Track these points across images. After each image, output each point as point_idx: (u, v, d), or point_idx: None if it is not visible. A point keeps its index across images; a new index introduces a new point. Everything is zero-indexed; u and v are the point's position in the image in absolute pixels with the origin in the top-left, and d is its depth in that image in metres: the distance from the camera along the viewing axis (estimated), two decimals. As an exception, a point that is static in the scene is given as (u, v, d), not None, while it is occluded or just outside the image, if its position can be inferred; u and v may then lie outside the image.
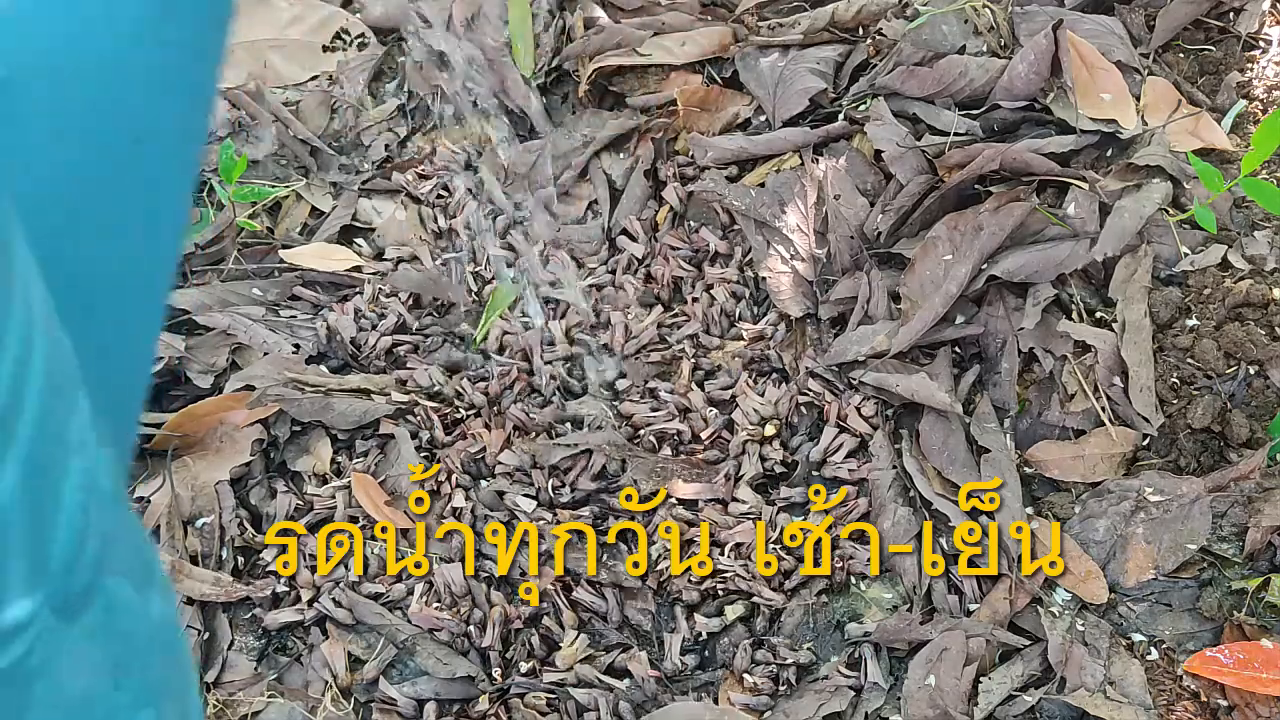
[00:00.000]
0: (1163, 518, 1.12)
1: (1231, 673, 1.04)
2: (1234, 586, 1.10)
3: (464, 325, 1.41)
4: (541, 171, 1.49)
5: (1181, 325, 1.23)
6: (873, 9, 1.47)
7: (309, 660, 1.19)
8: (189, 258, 1.48)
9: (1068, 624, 1.10)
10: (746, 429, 1.25)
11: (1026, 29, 1.39)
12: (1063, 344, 1.22)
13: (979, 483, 1.17)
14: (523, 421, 1.28)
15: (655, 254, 1.41)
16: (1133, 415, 1.18)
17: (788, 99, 1.43)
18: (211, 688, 1.18)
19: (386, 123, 1.60)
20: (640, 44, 1.50)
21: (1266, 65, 1.38)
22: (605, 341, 1.35)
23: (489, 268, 1.43)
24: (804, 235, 1.34)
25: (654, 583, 1.19)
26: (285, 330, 1.39)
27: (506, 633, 1.17)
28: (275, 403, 1.31)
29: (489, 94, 1.54)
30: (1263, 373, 1.17)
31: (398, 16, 1.63)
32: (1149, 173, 1.28)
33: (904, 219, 1.31)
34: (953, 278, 1.23)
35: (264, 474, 1.30)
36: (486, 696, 1.14)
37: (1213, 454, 1.16)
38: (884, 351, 1.24)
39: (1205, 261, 1.25)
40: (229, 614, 1.23)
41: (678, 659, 1.15)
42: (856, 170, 1.36)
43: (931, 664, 1.09)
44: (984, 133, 1.35)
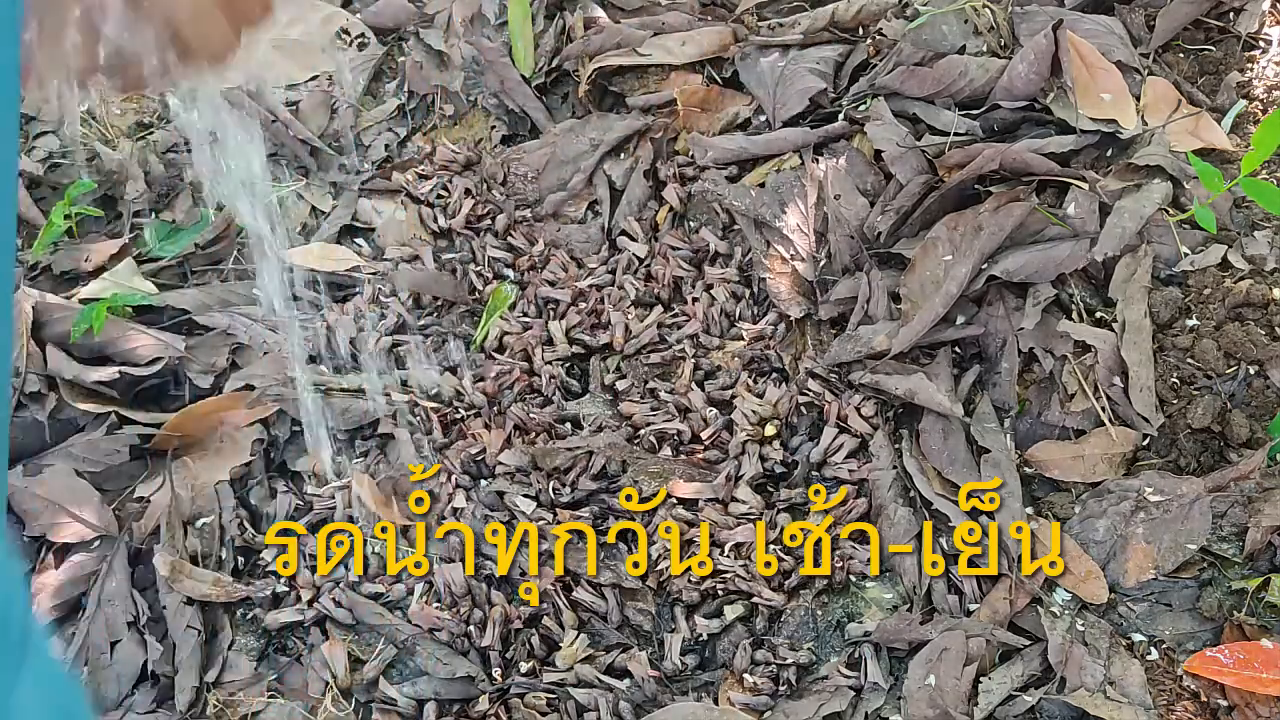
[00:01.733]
0: (1163, 518, 1.12)
1: (1231, 673, 1.04)
2: (1234, 586, 1.10)
3: (464, 325, 1.41)
4: (547, 175, 1.49)
5: (1181, 325, 1.23)
6: (873, 9, 1.47)
7: (309, 660, 1.19)
8: (189, 258, 1.48)
9: (1068, 624, 1.10)
10: (746, 429, 1.25)
11: (1026, 29, 1.39)
12: (1063, 344, 1.22)
13: (979, 483, 1.17)
14: (523, 421, 1.28)
15: (655, 254, 1.41)
16: (1133, 415, 1.18)
17: (788, 99, 1.43)
18: (211, 688, 1.18)
19: (386, 123, 1.60)
20: (640, 44, 1.50)
21: (1266, 65, 1.38)
22: (606, 341, 1.35)
23: (489, 267, 1.43)
24: (804, 235, 1.34)
25: (654, 583, 1.19)
26: (285, 330, 1.39)
27: (506, 633, 1.17)
28: (275, 402, 1.31)
29: (489, 94, 1.54)
30: (1263, 373, 1.18)
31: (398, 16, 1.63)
32: (1149, 173, 1.28)
33: (904, 219, 1.31)
34: (953, 278, 1.23)
35: (264, 474, 1.31)
36: (486, 696, 1.14)
37: (1213, 454, 1.16)
38: (884, 352, 1.24)
39: (1205, 261, 1.25)
40: (229, 614, 1.23)
41: (678, 659, 1.15)
42: (856, 170, 1.36)
43: (931, 664, 1.09)
44: (984, 133, 1.35)
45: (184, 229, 1.50)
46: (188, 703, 1.16)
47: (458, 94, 1.58)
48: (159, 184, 1.54)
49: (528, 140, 1.53)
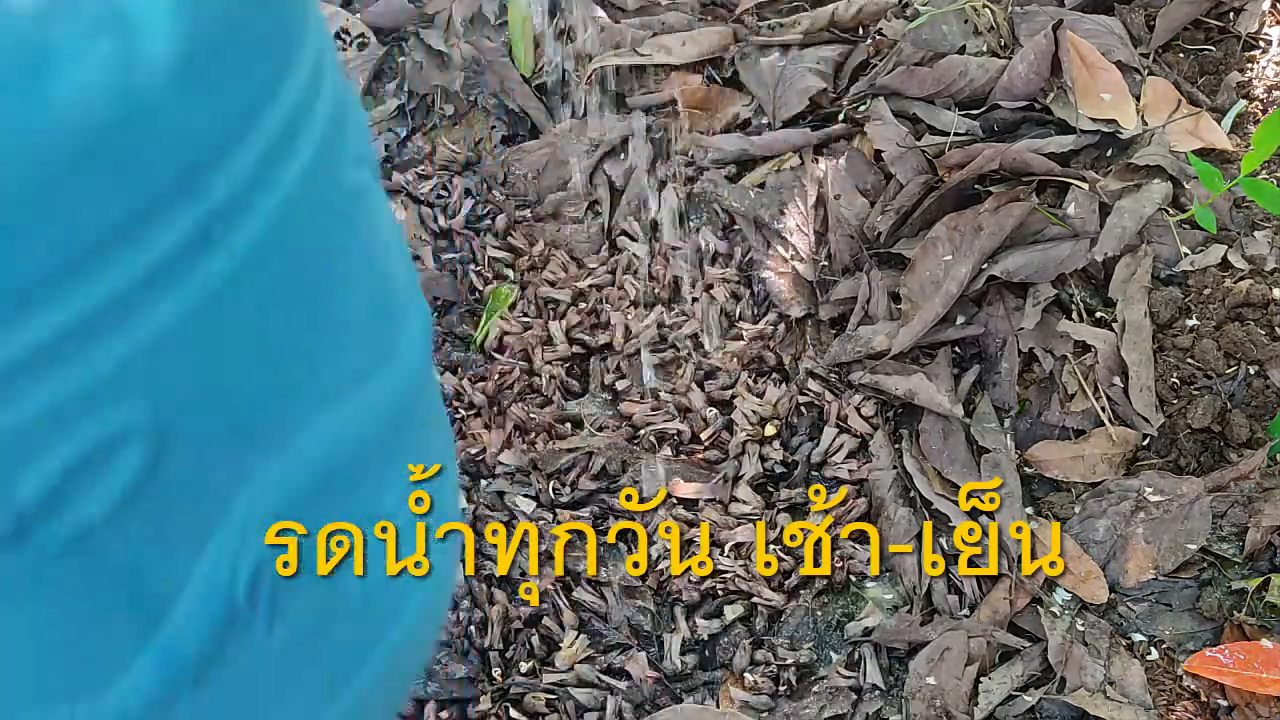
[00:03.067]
0: (1163, 518, 1.12)
1: (1231, 673, 1.04)
2: (1234, 586, 1.10)
3: (464, 325, 1.41)
4: (547, 175, 1.49)
5: (1181, 325, 1.22)
6: (873, 9, 1.47)
7: (309, 660, 1.19)
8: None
9: (1068, 624, 1.10)
10: (746, 429, 1.25)
11: (1026, 29, 1.39)
12: (1063, 344, 1.22)
13: (979, 483, 1.17)
14: (523, 421, 1.28)
15: (655, 254, 1.41)
16: (1133, 415, 1.18)
17: (788, 99, 1.43)
18: (211, 688, 1.18)
19: (386, 123, 1.59)
20: (640, 44, 1.50)
21: (1266, 65, 1.38)
22: (606, 341, 1.35)
23: (489, 267, 1.43)
24: (804, 235, 1.34)
25: (654, 583, 1.19)
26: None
27: (506, 633, 1.17)
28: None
29: (489, 94, 1.54)
30: (1263, 373, 1.17)
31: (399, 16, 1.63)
32: (1149, 173, 1.28)
33: (904, 219, 1.31)
34: (953, 278, 1.23)
35: (264, 474, 1.30)
36: (487, 696, 1.14)
37: (1213, 454, 1.16)
38: (884, 352, 1.24)
39: (1205, 261, 1.25)
40: (229, 614, 1.23)
41: (678, 659, 1.15)
42: (856, 170, 1.36)
43: (932, 664, 1.09)
44: (984, 133, 1.35)
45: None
46: (188, 703, 1.16)
47: (458, 94, 1.58)
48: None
49: (528, 140, 1.53)
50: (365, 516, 0.40)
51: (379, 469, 0.40)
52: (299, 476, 0.37)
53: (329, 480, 0.38)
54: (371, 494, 0.41)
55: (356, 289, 0.39)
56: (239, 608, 0.37)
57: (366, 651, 0.44)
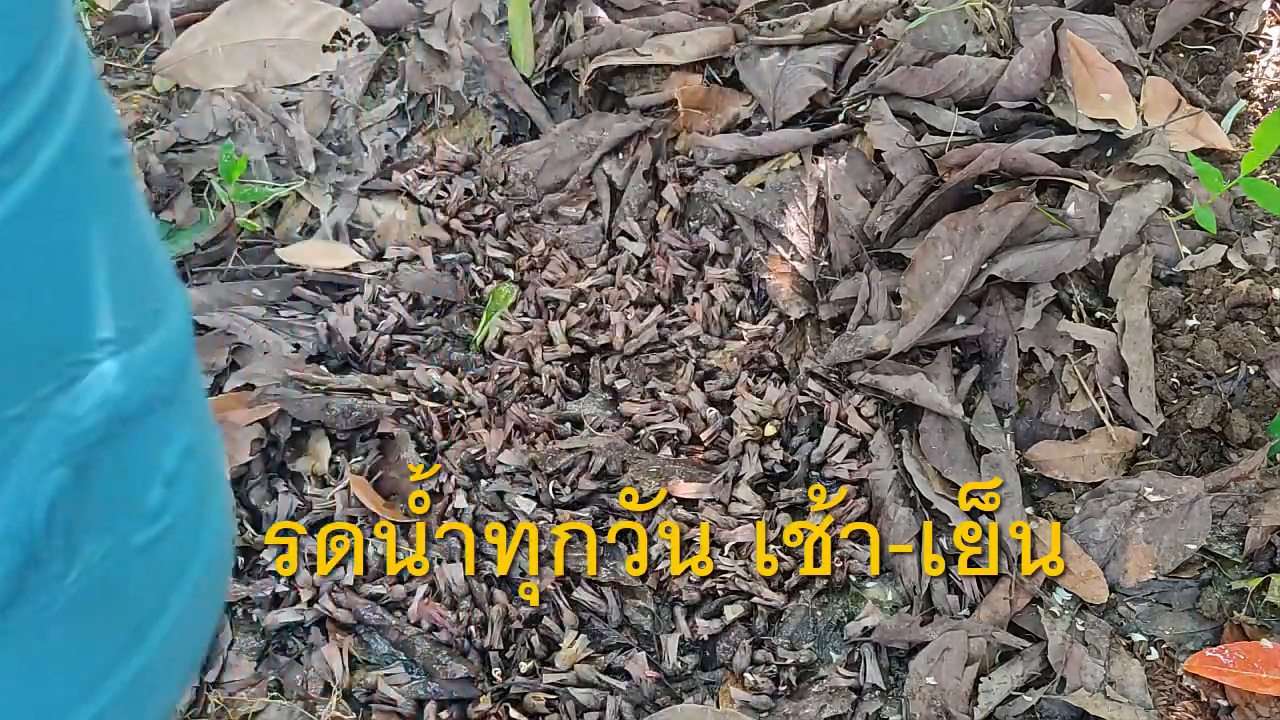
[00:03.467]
0: (1163, 518, 1.12)
1: (1231, 673, 1.04)
2: (1234, 586, 1.10)
3: (464, 325, 1.41)
4: (547, 175, 1.49)
5: (1181, 325, 1.23)
6: (873, 9, 1.47)
7: (309, 660, 1.19)
8: (189, 258, 1.48)
9: (1068, 624, 1.10)
10: (746, 429, 1.25)
11: (1026, 29, 1.39)
12: (1063, 344, 1.22)
13: (979, 483, 1.17)
14: (523, 421, 1.28)
15: (655, 254, 1.41)
16: (1133, 415, 1.18)
17: (788, 99, 1.43)
18: (211, 688, 1.18)
19: (386, 123, 1.59)
20: (640, 44, 1.50)
21: (1266, 65, 1.38)
22: (606, 341, 1.35)
23: (489, 267, 1.43)
24: (804, 235, 1.34)
25: (654, 583, 1.19)
26: (285, 330, 1.39)
27: (506, 633, 1.17)
28: (275, 402, 1.30)
29: (489, 94, 1.54)
30: (1263, 373, 1.17)
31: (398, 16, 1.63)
32: (1149, 173, 1.28)
33: (904, 219, 1.31)
34: (953, 278, 1.23)
35: (264, 474, 1.30)
36: (487, 696, 1.14)
37: (1213, 454, 1.16)
38: (884, 352, 1.24)
39: (1205, 261, 1.25)
40: (229, 614, 1.23)
41: (677, 659, 1.15)
42: (856, 170, 1.36)
43: (932, 664, 1.09)
44: (984, 133, 1.35)
45: (184, 229, 1.50)
46: (188, 703, 1.16)
47: (458, 94, 1.58)
48: (159, 184, 1.53)
49: (528, 140, 1.53)
50: (151, 463, 0.43)
51: (161, 422, 0.44)
52: (90, 419, 0.40)
53: (116, 425, 0.41)
54: (155, 444, 0.45)
55: (126, 245, 0.43)
56: (38, 545, 0.39)
57: (166, 594, 0.46)
